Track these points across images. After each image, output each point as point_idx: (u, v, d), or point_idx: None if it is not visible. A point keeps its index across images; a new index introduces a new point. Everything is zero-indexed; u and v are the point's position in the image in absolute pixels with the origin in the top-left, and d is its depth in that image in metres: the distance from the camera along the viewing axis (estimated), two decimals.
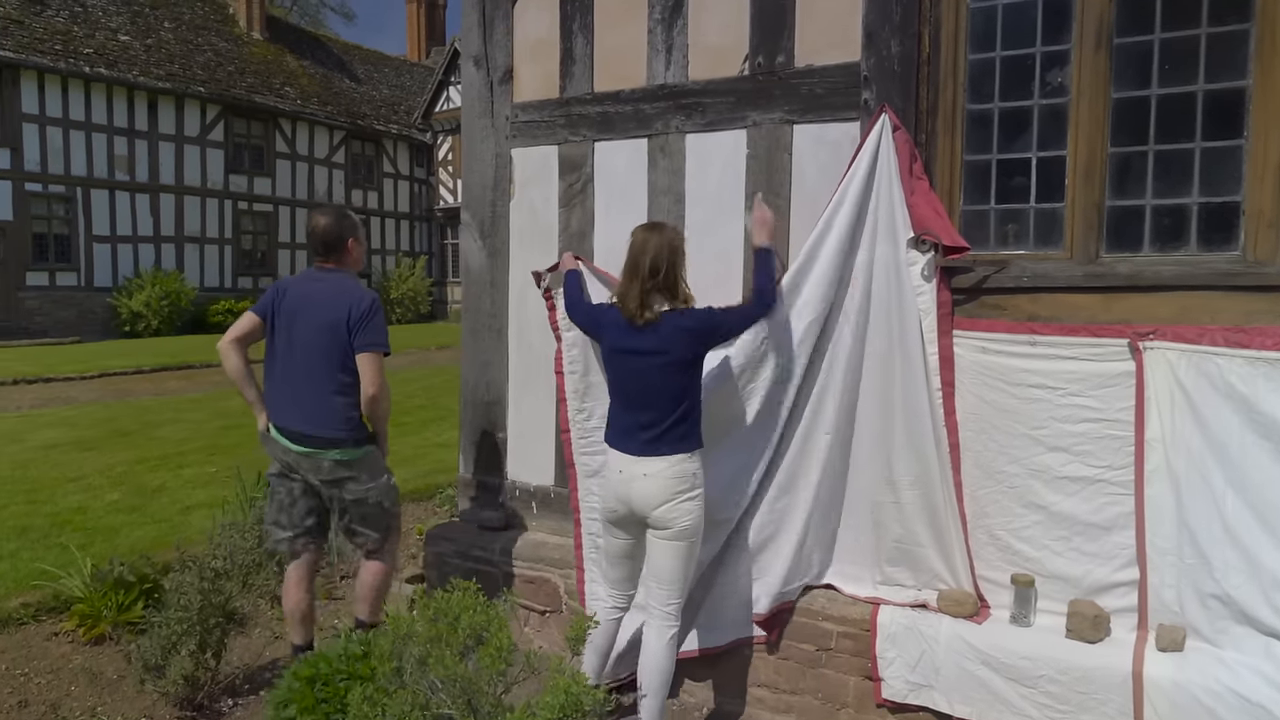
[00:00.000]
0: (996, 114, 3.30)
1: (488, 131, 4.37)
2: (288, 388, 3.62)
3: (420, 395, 12.04)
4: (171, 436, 8.84)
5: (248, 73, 25.92)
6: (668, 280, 3.09)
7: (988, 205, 3.34)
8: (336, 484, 3.64)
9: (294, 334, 3.60)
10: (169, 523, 5.95)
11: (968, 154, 3.35)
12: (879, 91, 3.37)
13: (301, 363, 3.58)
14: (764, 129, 3.63)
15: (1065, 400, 3.12)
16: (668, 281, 3.09)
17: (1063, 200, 3.19)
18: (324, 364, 3.56)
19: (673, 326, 3.06)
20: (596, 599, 3.61)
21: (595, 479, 3.82)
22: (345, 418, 3.59)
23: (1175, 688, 2.83)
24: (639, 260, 3.10)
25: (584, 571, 3.94)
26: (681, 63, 3.82)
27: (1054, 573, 3.20)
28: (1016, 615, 3.21)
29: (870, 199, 3.32)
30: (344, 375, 3.57)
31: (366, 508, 3.71)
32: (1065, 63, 3.16)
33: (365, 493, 3.67)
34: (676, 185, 3.86)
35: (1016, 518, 3.24)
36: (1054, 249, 3.23)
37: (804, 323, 3.40)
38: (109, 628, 4.37)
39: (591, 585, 3.86)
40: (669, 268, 3.09)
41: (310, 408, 3.56)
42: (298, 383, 3.59)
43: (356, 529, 3.75)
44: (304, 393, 3.57)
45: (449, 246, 31.65)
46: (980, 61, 3.30)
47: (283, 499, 3.72)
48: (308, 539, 3.77)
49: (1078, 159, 3.14)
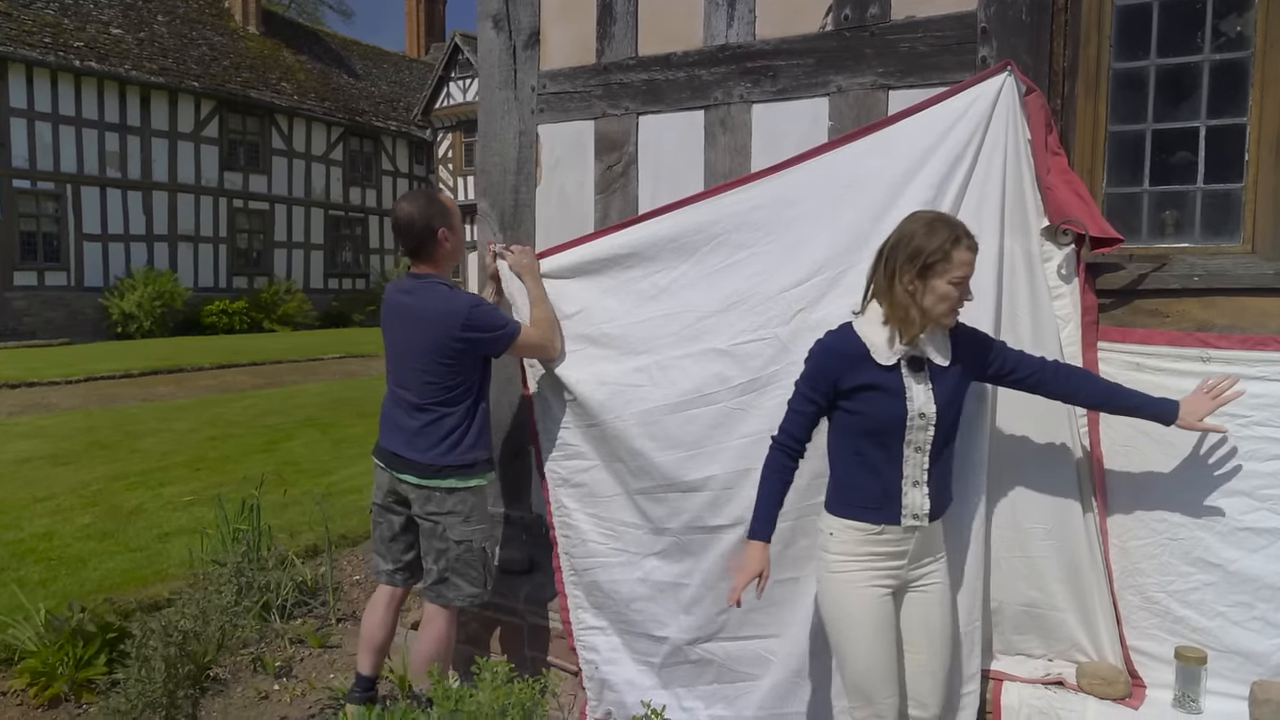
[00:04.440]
0: (1152, 72, 2.65)
1: (509, 105, 3.72)
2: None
3: None
4: (154, 449, 8.19)
5: (243, 68, 25.24)
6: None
7: (1139, 188, 2.70)
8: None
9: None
10: (144, 552, 5.29)
11: (1113, 124, 2.70)
12: (1001, 47, 2.73)
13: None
14: (851, 96, 2.99)
15: (1249, 432, 2.48)
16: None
17: (1241, 180, 2.55)
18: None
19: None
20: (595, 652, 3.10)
21: (567, 489, 3.28)
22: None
23: None
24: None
25: (566, 598, 3.35)
26: (747, 18, 3.18)
27: (1230, 646, 2.55)
28: (1181, 698, 2.57)
29: (984, 180, 2.67)
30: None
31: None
32: (1247, 7, 2.51)
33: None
34: (740, 166, 3.21)
35: (1181, 577, 2.60)
36: (1229, 240, 2.59)
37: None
38: (65, 687, 3.72)
39: (587, 635, 3.30)
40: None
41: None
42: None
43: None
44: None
45: None
46: (1131, 8, 2.66)
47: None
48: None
49: (1263, 128, 2.49)
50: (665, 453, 3.01)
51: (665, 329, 3.04)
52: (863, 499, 2.32)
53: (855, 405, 2.29)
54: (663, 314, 3.06)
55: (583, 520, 3.25)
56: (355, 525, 5.85)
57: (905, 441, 2.26)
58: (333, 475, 6.94)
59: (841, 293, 2.75)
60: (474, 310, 3.08)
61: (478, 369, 3.16)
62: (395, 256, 29.53)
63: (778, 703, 2.86)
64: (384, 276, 28.61)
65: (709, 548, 2.96)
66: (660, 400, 3.00)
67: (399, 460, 3.19)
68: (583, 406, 3.18)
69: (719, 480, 2.91)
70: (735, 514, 2.87)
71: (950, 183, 2.67)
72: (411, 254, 3.15)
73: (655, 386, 3.02)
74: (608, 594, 3.20)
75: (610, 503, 3.20)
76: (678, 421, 2.98)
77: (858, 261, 2.72)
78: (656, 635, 3.09)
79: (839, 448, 2.39)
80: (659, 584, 3.08)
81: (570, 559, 3.29)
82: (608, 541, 3.19)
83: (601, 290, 3.21)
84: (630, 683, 3.15)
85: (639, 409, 3.04)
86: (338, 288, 28.14)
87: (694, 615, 3.01)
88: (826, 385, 2.32)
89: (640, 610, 3.12)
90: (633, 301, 3.14)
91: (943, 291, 2.19)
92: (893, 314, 2.23)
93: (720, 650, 2.99)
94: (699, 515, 2.97)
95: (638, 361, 3.08)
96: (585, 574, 3.26)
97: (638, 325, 3.10)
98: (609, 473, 3.19)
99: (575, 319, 3.24)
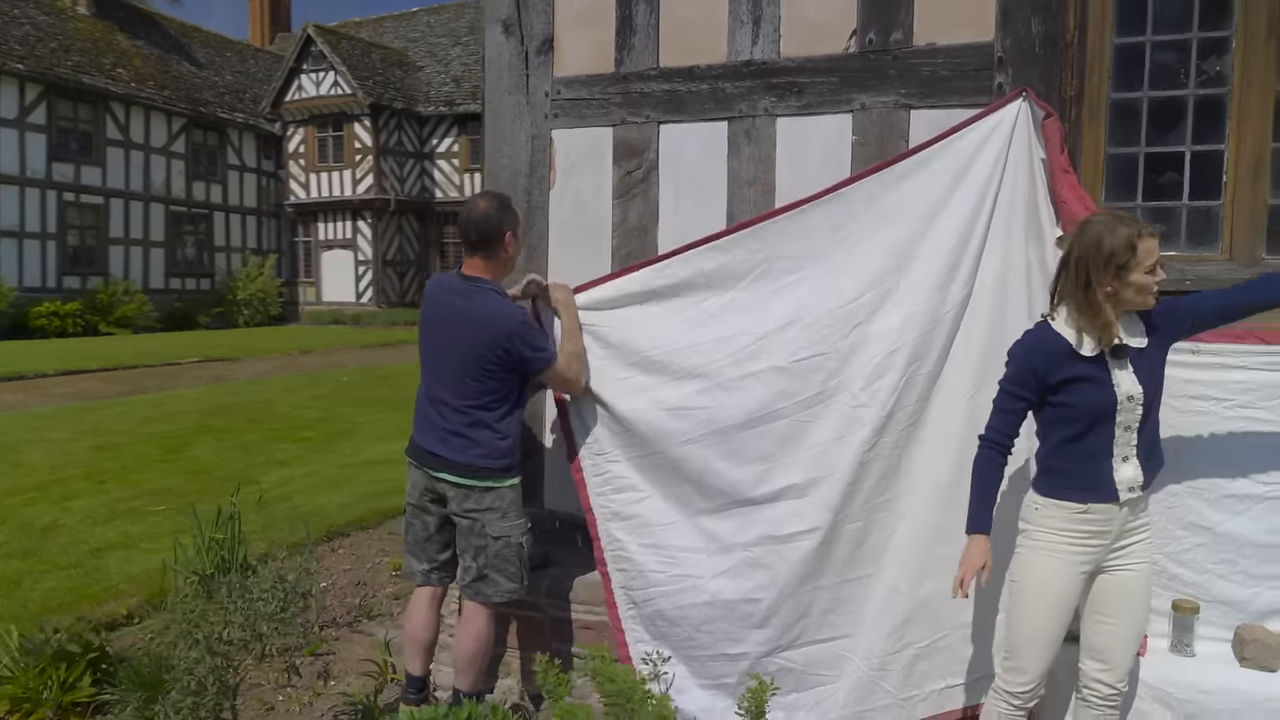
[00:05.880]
0: (1145, 103, 3.06)
1: (521, 109, 3.79)
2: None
3: (313, 406, 11.02)
4: (40, 461, 7.59)
5: (73, 50, 23.39)
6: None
7: (1134, 203, 3.11)
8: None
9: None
10: (80, 569, 4.97)
11: (1111, 147, 3.10)
12: (1016, 75, 3.07)
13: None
14: (874, 114, 3.26)
15: (1233, 413, 2.89)
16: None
17: (1220, 199, 2.98)
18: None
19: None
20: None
21: (618, 522, 3.33)
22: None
23: None
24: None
25: (624, 633, 3.35)
26: (772, 36, 3.39)
27: (1217, 597, 2.97)
28: (1177, 644, 2.97)
29: (1011, 198, 2.99)
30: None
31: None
32: (1226, 50, 2.95)
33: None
34: (765, 175, 3.43)
35: (1175, 540, 2.99)
36: (1210, 250, 3.02)
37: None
38: (51, 711, 3.50)
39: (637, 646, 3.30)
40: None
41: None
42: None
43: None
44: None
45: (300, 244, 29.81)
46: (1127, 46, 3.05)
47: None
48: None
49: (1240, 155, 2.93)
50: (740, 469, 3.11)
51: (721, 351, 3.14)
52: (1073, 481, 2.49)
53: (1065, 398, 2.45)
54: (715, 338, 3.15)
55: (638, 552, 3.27)
56: (304, 533, 5.68)
57: (1116, 423, 2.45)
58: (259, 483, 6.66)
59: (892, 306, 3.01)
60: (523, 324, 3.11)
61: (518, 378, 3.17)
62: (243, 255, 28.15)
63: (860, 699, 3.03)
64: (230, 276, 27.22)
65: (785, 557, 3.06)
66: (729, 420, 3.10)
67: (435, 459, 3.20)
68: (637, 436, 3.23)
69: (795, 490, 3.06)
70: (812, 521, 3.03)
71: (984, 204, 2.97)
72: (472, 249, 3.15)
73: (721, 407, 3.11)
74: (673, 621, 3.22)
75: (666, 530, 3.23)
76: (750, 437, 3.09)
77: (903, 277, 3.01)
78: (732, 653, 3.14)
79: (1048, 435, 2.56)
80: (729, 603, 3.13)
81: (628, 592, 3.30)
82: (667, 568, 3.22)
83: (646, 319, 3.26)
84: (705, 709, 3.15)
85: (710, 429, 3.12)
86: (180, 288, 26.55)
87: (770, 627, 3.09)
88: (1035, 381, 2.48)
89: (712, 630, 3.16)
90: (681, 328, 3.21)
91: (1141, 283, 2.37)
92: (1089, 318, 2.41)
93: (800, 657, 3.10)
94: (775, 526, 3.08)
95: (698, 384, 3.15)
96: (646, 605, 3.27)
97: (691, 350, 3.18)
98: (666, 500, 3.24)
99: (620, 349, 3.27)
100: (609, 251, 3.65)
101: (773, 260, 3.16)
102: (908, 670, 3.05)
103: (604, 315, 3.34)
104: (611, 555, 3.35)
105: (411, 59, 30.45)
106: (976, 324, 3.01)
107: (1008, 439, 2.58)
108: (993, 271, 3.01)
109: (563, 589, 3.71)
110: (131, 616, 4.43)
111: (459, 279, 3.22)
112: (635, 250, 3.61)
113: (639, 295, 3.30)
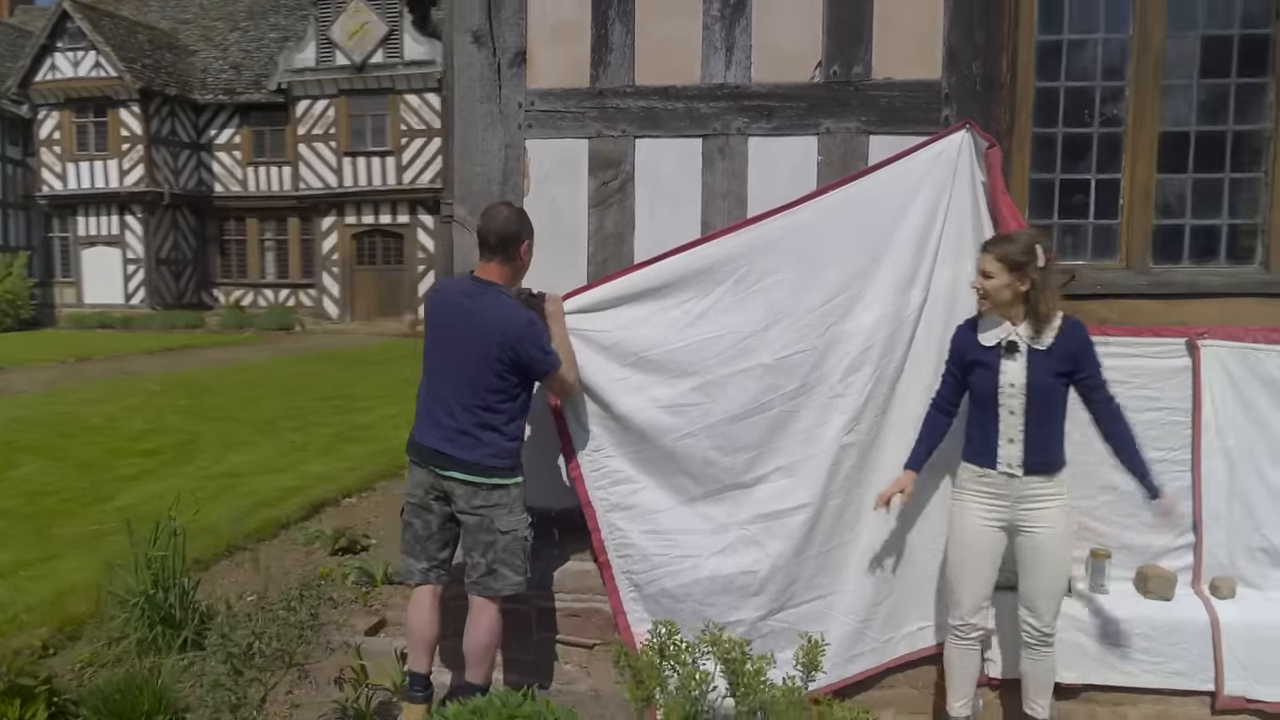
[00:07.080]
0: (1059, 138, 3.67)
1: (493, 119, 3.89)
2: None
3: (131, 417, 10.17)
4: None
5: None
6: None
7: (1051, 220, 3.71)
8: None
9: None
10: None
11: (1034, 173, 3.69)
12: (960, 109, 3.58)
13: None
14: (838, 137, 3.68)
15: (1133, 393, 3.55)
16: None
17: (1118, 218, 3.64)
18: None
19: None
20: None
21: (618, 513, 3.62)
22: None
23: (1245, 628, 3.39)
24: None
25: (625, 615, 3.65)
26: (745, 63, 3.73)
27: (1123, 544, 3.64)
28: (1094, 584, 3.61)
29: (960, 212, 3.50)
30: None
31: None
32: (1120, 97, 3.61)
33: None
34: (738, 189, 3.75)
35: (1089, 498, 3.64)
36: (1110, 260, 3.67)
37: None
38: None
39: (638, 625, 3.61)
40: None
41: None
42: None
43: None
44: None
45: (55, 241, 26.95)
46: (1046, 89, 3.65)
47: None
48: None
49: (1134, 183, 3.60)
50: (731, 456, 3.48)
51: (710, 350, 3.47)
52: (974, 448, 3.19)
53: (970, 378, 3.18)
54: (703, 337, 3.48)
55: (639, 537, 3.56)
56: (197, 549, 5.39)
57: (999, 405, 3.06)
58: (115, 501, 6.20)
59: (862, 308, 3.46)
60: (530, 327, 3.25)
61: (525, 380, 3.31)
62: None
63: (849, 646, 3.49)
64: None
65: (776, 533, 3.46)
66: (723, 414, 3.46)
67: (442, 457, 3.28)
68: (635, 433, 3.52)
69: (783, 471, 3.46)
70: (801, 498, 3.45)
71: (935, 219, 3.47)
72: (490, 253, 3.26)
73: (714, 402, 3.46)
74: (678, 598, 3.52)
75: (664, 516, 3.55)
76: (741, 428, 3.46)
77: (870, 282, 3.46)
78: (732, 620, 3.43)
79: (969, 409, 3.22)
80: (728, 576, 3.49)
81: (631, 577, 3.57)
82: (668, 550, 3.53)
83: (635, 321, 3.53)
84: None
85: (705, 423, 3.47)
86: None
87: (765, 594, 3.48)
88: (956, 361, 3.23)
89: (715, 602, 3.48)
90: (670, 328, 3.51)
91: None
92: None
93: (790, 617, 3.49)
94: (765, 505, 3.47)
95: (691, 382, 3.48)
96: (650, 585, 3.56)
97: (682, 349, 3.49)
98: (663, 490, 3.55)
99: (613, 350, 3.53)
100: (585, 258, 3.84)
101: (753, 262, 3.52)
102: (887, 618, 3.54)
103: (596, 319, 3.57)
104: (613, 544, 3.59)
105: (184, 42, 28.28)
106: (933, 325, 3.50)
107: (949, 404, 3.30)
108: (944, 279, 3.51)
109: (545, 581, 3.87)
110: (47, 648, 4.11)
111: (470, 281, 3.32)
112: (611, 257, 3.82)
113: (628, 298, 3.56)
